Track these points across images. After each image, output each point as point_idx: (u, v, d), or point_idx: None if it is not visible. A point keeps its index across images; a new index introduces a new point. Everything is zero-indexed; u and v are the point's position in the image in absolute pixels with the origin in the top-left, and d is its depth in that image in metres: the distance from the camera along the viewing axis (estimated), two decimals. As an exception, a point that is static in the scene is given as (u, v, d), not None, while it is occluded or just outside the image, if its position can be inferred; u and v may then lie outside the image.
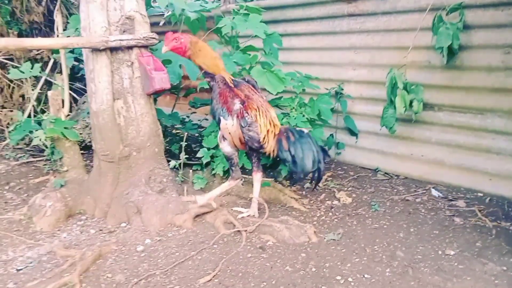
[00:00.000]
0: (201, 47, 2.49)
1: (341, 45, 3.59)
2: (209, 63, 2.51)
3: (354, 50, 3.52)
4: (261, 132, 2.47)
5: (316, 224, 2.70)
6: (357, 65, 3.53)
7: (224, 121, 2.50)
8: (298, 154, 2.45)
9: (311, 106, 3.11)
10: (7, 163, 3.71)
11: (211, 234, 2.58)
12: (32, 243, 2.53)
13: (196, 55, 2.48)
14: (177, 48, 2.46)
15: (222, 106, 2.48)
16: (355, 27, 3.46)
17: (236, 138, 2.52)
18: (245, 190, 3.08)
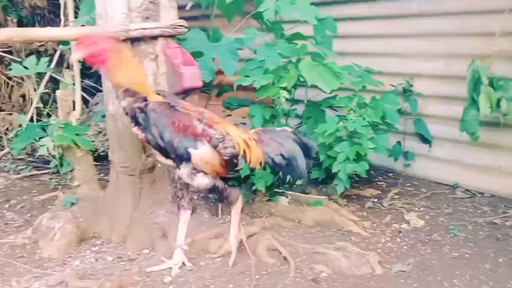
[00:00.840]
0: (126, 58, 2.42)
1: (410, 32, 3.62)
2: (136, 80, 2.43)
3: (427, 38, 3.54)
4: (238, 144, 2.49)
5: (381, 252, 2.73)
6: (431, 56, 3.55)
7: (197, 151, 2.44)
8: (291, 155, 2.52)
9: (374, 107, 3.15)
10: (6, 177, 3.94)
11: (252, 262, 2.65)
12: (39, 272, 2.68)
13: (120, 68, 2.38)
14: (95, 56, 2.36)
15: (185, 135, 2.42)
16: (428, 9, 3.49)
17: (217, 164, 2.50)
18: (292, 210, 3.16)
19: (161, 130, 2.41)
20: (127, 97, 2.42)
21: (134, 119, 2.46)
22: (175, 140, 2.41)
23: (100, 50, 2.35)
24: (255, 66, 3.17)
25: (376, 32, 3.83)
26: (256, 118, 3.20)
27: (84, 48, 2.34)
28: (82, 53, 2.35)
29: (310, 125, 3.42)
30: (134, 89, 2.41)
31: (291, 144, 2.54)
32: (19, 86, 4.57)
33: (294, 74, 3.05)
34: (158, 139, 2.41)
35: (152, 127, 2.41)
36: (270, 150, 2.52)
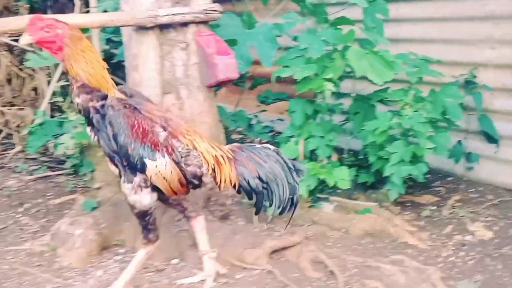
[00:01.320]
0: (85, 47, 2.35)
1: (473, 14, 3.60)
2: (94, 73, 2.34)
3: (492, 20, 3.51)
4: (205, 163, 2.44)
5: (442, 267, 2.74)
6: (497, 42, 3.52)
7: (153, 163, 2.37)
8: (271, 178, 2.46)
9: (433, 101, 3.14)
10: (19, 178, 4.09)
11: (294, 277, 2.69)
12: (60, 282, 2.77)
13: (76, 57, 2.31)
14: (48, 41, 2.31)
15: (142, 142, 2.35)
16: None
17: (175, 181, 2.43)
18: (338, 218, 3.18)
19: (116, 131, 2.34)
20: (82, 94, 2.34)
21: (87, 119, 2.41)
22: (130, 146, 2.35)
23: (54, 36, 2.30)
24: (295, 55, 3.20)
25: (433, 15, 3.81)
26: (297, 114, 3.23)
27: (35, 32, 2.29)
28: (33, 38, 2.30)
29: (357, 122, 3.43)
30: (93, 84, 2.35)
31: (272, 165, 2.48)
32: (31, 79, 4.71)
33: (341, 64, 3.07)
34: (112, 141, 2.36)
35: (107, 126, 2.35)
36: (245, 171, 2.46)
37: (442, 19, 3.77)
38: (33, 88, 4.70)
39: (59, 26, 2.31)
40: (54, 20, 2.35)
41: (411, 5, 3.93)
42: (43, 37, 2.30)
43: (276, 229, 3.14)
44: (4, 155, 4.56)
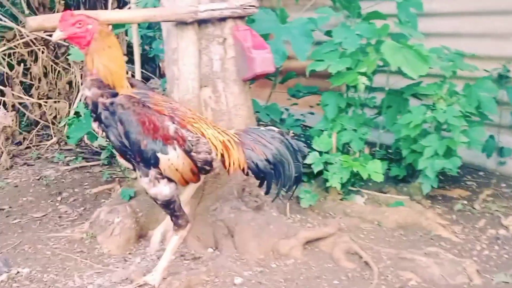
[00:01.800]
0: (112, 43, 2.39)
1: (507, 8, 3.59)
2: (114, 71, 2.37)
3: (527, 14, 3.50)
4: (214, 149, 2.49)
5: (477, 261, 2.76)
6: (532, 36, 3.51)
7: (165, 157, 2.42)
8: (278, 159, 2.55)
9: (467, 95, 3.14)
10: (56, 168, 4.20)
11: (328, 267, 2.74)
12: (101, 268, 2.86)
13: (100, 52, 2.35)
14: (78, 37, 2.34)
15: (154, 138, 2.39)
16: (530, -19, 3.45)
17: (187, 171, 2.49)
18: (370, 211, 3.21)
19: (128, 128, 2.36)
20: (94, 88, 2.36)
21: (95, 114, 2.42)
22: (142, 142, 2.38)
23: (84, 31, 2.33)
24: (329, 49, 3.23)
25: (465, 8, 3.81)
26: (330, 108, 3.27)
27: (66, 28, 2.32)
28: (64, 33, 2.33)
29: (390, 116, 3.45)
30: (108, 81, 2.36)
31: (277, 146, 2.57)
32: (65, 72, 4.82)
33: (375, 58, 3.09)
34: (123, 139, 2.38)
35: (117, 123, 2.36)
36: (253, 154, 2.54)
37: (474, 12, 3.76)
38: (68, 82, 4.80)
39: (90, 21, 2.35)
40: (85, 16, 2.38)
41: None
42: (74, 32, 2.33)
43: (309, 220, 3.19)
44: (41, 146, 4.69)
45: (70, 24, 2.32)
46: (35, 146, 4.65)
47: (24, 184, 3.95)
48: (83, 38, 2.34)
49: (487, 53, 3.67)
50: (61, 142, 4.64)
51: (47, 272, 2.81)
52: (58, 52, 4.88)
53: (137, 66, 3.57)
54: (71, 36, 2.35)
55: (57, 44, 4.85)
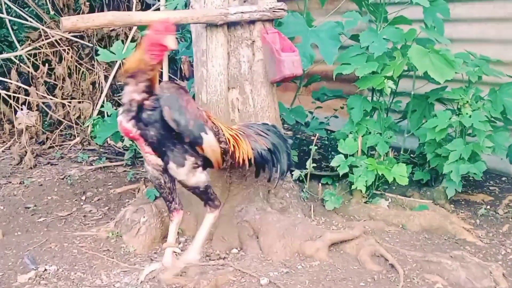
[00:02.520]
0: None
1: (532, 14, 3.59)
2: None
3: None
4: (228, 140, 2.70)
5: (502, 265, 2.76)
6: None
7: (206, 136, 2.55)
8: (275, 148, 2.82)
9: (493, 101, 3.15)
10: (80, 168, 4.24)
11: (354, 269, 2.74)
12: (127, 266, 2.89)
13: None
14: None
15: (197, 118, 2.52)
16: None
17: (219, 154, 2.67)
18: (394, 214, 3.22)
19: (178, 110, 2.43)
20: (144, 93, 2.44)
21: (136, 114, 2.47)
22: (190, 122, 2.47)
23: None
24: (356, 53, 3.26)
25: (490, 15, 3.81)
26: (355, 111, 3.28)
27: (173, 35, 2.39)
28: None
29: (415, 120, 3.46)
30: (153, 83, 2.47)
31: (273, 137, 2.85)
32: (89, 73, 4.88)
33: (402, 62, 3.09)
34: (171, 122, 2.43)
35: (160, 115, 2.43)
36: (257, 145, 2.78)
37: (500, 19, 3.76)
38: (91, 82, 4.86)
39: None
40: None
41: (467, 5, 3.92)
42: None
43: (333, 223, 3.21)
44: (64, 145, 4.74)
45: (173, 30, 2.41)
46: (58, 146, 4.71)
47: (48, 183, 3.99)
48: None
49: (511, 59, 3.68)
50: (85, 142, 4.69)
51: (74, 270, 2.84)
52: (82, 53, 4.94)
53: (165, 68, 3.61)
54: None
55: (82, 45, 4.93)
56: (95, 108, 4.70)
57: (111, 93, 5.01)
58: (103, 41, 4.97)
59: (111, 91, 4.98)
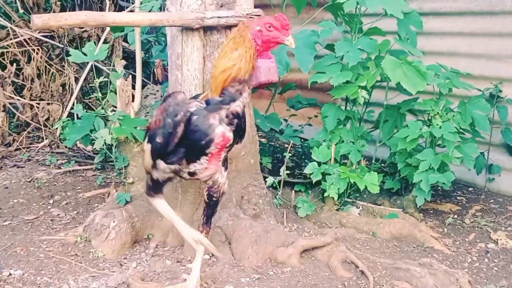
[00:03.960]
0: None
1: (501, 30, 3.73)
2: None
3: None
4: None
5: (468, 272, 2.84)
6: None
7: None
8: None
9: (462, 113, 3.26)
10: (47, 171, 4.19)
11: (325, 275, 2.80)
12: (96, 271, 2.88)
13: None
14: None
15: None
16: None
17: None
18: (365, 222, 3.30)
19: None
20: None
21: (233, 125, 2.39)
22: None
23: None
24: (331, 62, 3.33)
25: (461, 29, 3.95)
26: (329, 119, 3.35)
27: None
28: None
29: (387, 130, 3.55)
30: None
31: None
32: (59, 74, 4.83)
33: (375, 72, 3.18)
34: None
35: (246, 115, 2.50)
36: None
37: (470, 34, 3.90)
38: (61, 84, 4.80)
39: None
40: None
41: (440, 19, 4.06)
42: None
43: (305, 230, 3.26)
44: (31, 148, 4.67)
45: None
46: (25, 148, 4.62)
47: (14, 186, 3.92)
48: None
49: (481, 73, 3.82)
50: (53, 144, 4.62)
51: (41, 274, 2.82)
52: (52, 54, 4.88)
53: (138, 71, 3.61)
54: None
55: (52, 46, 4.87)
56: (65, 110, 4.65)
57: (82, 95, 4.96)
58: (75, 42, 4.90)
59: (81, 93, 4.93)
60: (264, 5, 3.64)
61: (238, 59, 2.28)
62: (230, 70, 2.29)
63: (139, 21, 2.88)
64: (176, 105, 2.34)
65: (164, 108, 2.39)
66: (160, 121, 2.39)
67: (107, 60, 4.87)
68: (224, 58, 2.30)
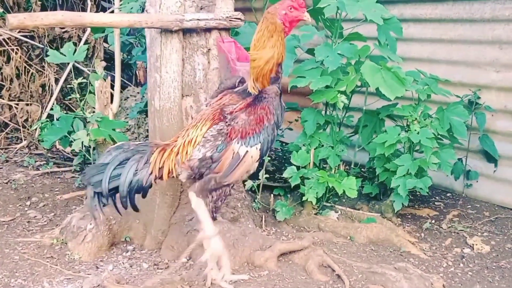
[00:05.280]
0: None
1: (480, 38, 3.78)
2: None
3: (499, 45, 3.70)
4: None
5: (443, 277, 2.88)
6: (502, 66, 3.71)
7: None
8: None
9: (440, 119, 3.30)
10: (25, 172, 4.16)
11: (302, 279, 2.81)
12: (72, 274, 2.87)
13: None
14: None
15: None
16: (502, 14, 3.65)
17: None
18: (343, 226, 3.32)
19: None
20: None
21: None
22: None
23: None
24: (311, 66, 3.35)
25: (441, 36, 3.99)
26: (309, 124, 3.37)
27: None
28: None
29: (366, 135, 3.58)
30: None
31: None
32: (39, 75, 4.80)
33: (355, 78, 3.22)
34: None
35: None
36: None
37: (450, 40, 3.95)
38: (41, 85, 4.78)
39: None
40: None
41: (420, 25, 4.11)
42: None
43: (284, 234, 3.28)
44: (9, 149, 4.64)
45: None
46: (3, 149, 4.59)
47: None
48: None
49: (460, 80, 3.88)
50: (32, 146, 4.60)
51: (15, 277, 2.81)
52: (32, 54, 4.85)
53: (117, 73, 3.61)
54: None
55: (32, 46, 4.85)
56: (44, 111, 4.63)
57: (62, 96, 4.94)
58: (55, 42, 4.89)
59: (61, 94, 4.91)
60: (245, 8, 3.66)
61: (276, 46, 2.50)
62: (273, 59, 2.51)
63: (118, 22, 2.89)
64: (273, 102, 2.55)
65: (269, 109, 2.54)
66: (269, 120, 2.54)
67: (88, 61, 4.86)
68: (264, 49, 2.50)
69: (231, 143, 2.49)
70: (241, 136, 2.48)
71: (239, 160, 2.51)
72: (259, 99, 2.54)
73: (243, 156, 2.50)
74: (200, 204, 2.59)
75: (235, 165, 2.51)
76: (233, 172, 2.52)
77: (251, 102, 2.55)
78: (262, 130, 2.51)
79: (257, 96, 2.56)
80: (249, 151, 2.51)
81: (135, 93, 4.30)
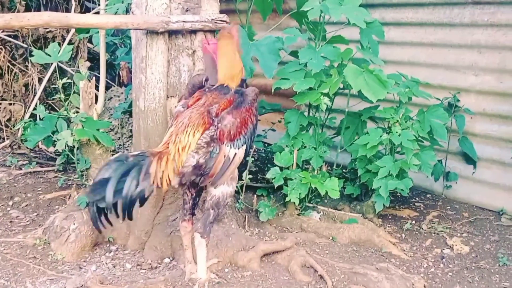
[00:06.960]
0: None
1: (459, 42, 3.81)
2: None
3: (477, 49, 3.73)
4: None
5: (424, 277, 2.90)
6: (481, 70, 3.74)
7: None
8: None
9: (421, 121, 3.32)
10: (8, 172, 4.09)
11: (285, 280, 2.80)
12: (54, 274, 2.83)
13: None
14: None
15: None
16: (481, 19, 3.68)
17: None
18: (325, 226, 3.32)
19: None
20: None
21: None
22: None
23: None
24: (294, 68, 3.35)
25: (422, 40, 4.01)
26: (292, 125, 3.37)
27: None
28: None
29: (348, 136, 3.59)
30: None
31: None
32: (22, 74, 4.73)
33: (337, 80, 3.22)
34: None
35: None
36: None
37: (430, 44, 3.97)
38: (24, 84, 4.71)
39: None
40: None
41: (401, 29, 4.12)
42: None
43: (267, 234, 3.27)
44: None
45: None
46: (-15, 148, 4.53)
47: (-28, 187, 3.84)
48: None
49: (439, 83, 3.90)
50: (14, 145, 4.52)
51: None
52: (16, 54, 4.77)
53: (102, 73, 3.56)
54: None
55: (15, 45, 4.77)
56: (27, 110, 4.56)
57: (45, 96, 4.86)
58: (39, 42, 4.81)
59: (45, 94, 4.83)
60: (230, 10, 3.65)
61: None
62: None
63: (104, 23, 2.85)
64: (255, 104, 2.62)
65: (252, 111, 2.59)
66: (252, 121, 2.59)
67: (72, 61, 4.80)
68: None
69: (222, 146, 2.48)
70: (230, 139, 2.49)
71: (230, 163, 2.51)
72: (242, 101, 2.57)
73: (232, 158, 2.51)
74: (202, 244, 2.66)
75: (226, 168, 2.52)
76: (224, 175, 2.53)
77: (235, 102, 2.56)
78: (247, 132, 2.54)
79: (240, 97, 2.59)
80: (237, 153, 2.52)
81: (118, 93, 4.26)
